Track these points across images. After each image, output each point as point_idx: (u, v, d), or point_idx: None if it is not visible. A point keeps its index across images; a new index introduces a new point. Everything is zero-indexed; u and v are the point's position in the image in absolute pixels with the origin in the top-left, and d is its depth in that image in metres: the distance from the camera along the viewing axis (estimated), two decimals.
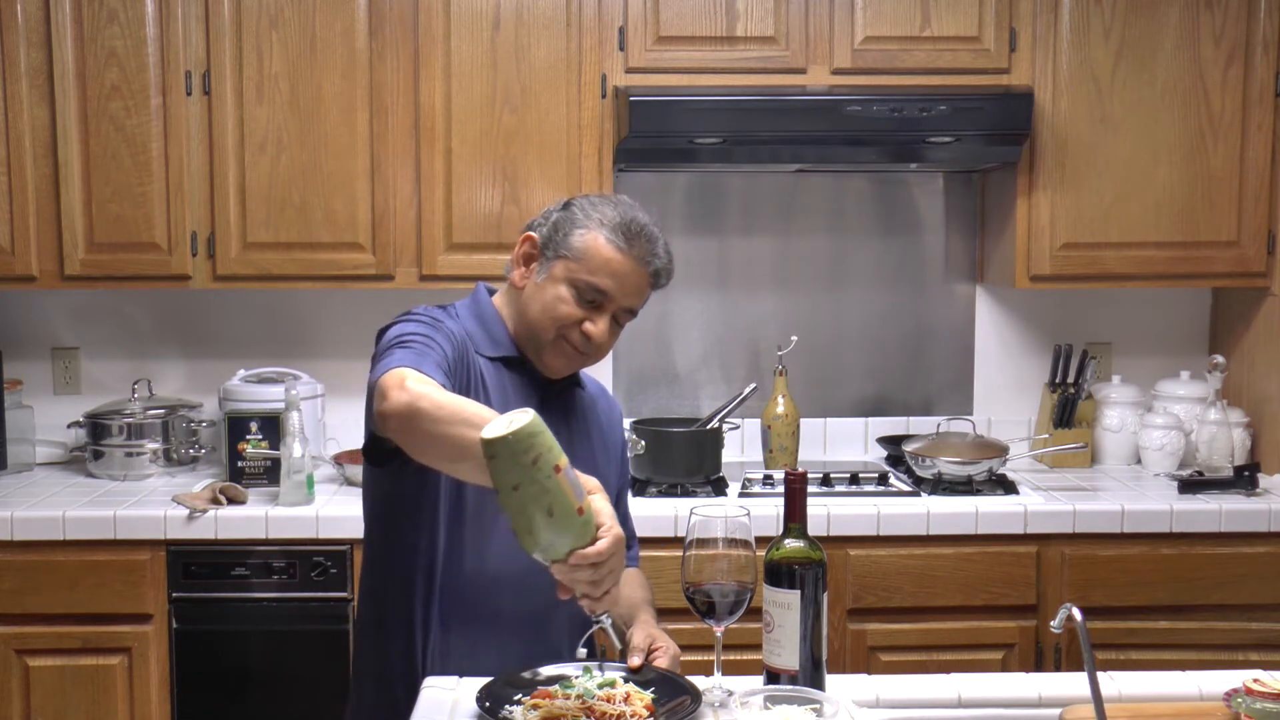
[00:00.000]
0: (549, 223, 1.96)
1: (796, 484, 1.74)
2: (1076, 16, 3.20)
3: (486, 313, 2.00)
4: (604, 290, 1.91)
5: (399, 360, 1.70)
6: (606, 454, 2.10)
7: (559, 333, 1.93)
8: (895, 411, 3.64)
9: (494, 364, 1.95)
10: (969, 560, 2.99)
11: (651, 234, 1.94)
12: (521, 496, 1.46)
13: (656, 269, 1.95)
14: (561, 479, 1.47)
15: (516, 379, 1.97)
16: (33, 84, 3.11)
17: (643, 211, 1.96)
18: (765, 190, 3.58)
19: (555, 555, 1.51)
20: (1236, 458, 3.29)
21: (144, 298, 3.51)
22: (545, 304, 1.92)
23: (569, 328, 1.92)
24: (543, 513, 1.47)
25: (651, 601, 2.09)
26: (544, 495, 1.46)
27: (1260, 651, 2.92)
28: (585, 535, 1.51)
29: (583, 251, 1.90)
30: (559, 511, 1.47)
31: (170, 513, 2.92)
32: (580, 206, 1.95)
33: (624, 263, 1.91)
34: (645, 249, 1.92)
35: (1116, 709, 1.67)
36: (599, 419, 2.11)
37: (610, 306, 1.93)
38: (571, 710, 1.62)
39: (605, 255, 1.90)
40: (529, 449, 1.45)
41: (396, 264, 3.20)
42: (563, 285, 1.91)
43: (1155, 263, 3.28)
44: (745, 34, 3.18)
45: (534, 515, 1.47)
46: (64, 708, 2.92)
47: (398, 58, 3.15)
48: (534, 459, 1.45)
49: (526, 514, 1.47)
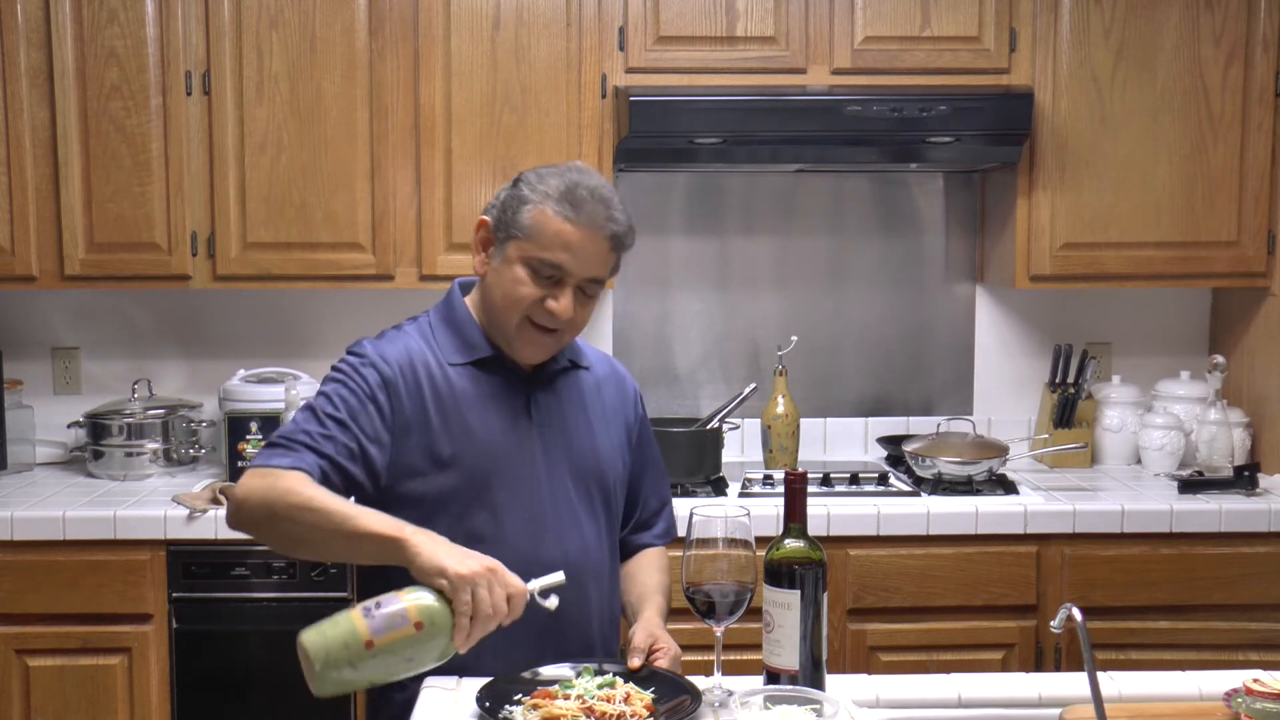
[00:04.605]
0: (499, 203, 1.91)
1: (796, 484, 1.74)
2: (1076, 16, 3.20)
3: (459, 315, 1.97)
4: (559, 265, 1.84)
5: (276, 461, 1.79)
6: (610, 437, 2.04)
7: (524, 316, 1.87)
8: (895, 411, 3.64)
9: (467, 369, 1.92)
10: (969, 560, 2.99)
11: (602, 196, 1.86)
12: (380, 671, 1.57)
13: (614, 233, 1.86)
14: (380, 646, 1.54)
15: (496, 380, 1.94)
16: (33, 84, 3.11)
17: (593, 175, 1.89)
18: (765, 190, 3.58)
19: (447, 652, 1.59)
20: (1236, 458, 3.29)
21: (144, 298, 3.51)
22: (504, 289, 1.88)
23: (532, 308, 1.86)
24: (404, 665, 1.57)
25: (665, 588, 2.06)
26: (388, 665, 1.56)
27: (1260, 651, 2.92)
28: (440, 636, 1.57)
29: (531, 228, 1.85)
30: (408, 656, 1.56)
31: (170, 513, 2.92)
32: (527, 181, 1.89)
33: (575, 232, 1.83)
34: (596, 214, 1.84)
35: (1116, 709, 1.67)
36: (603, 402, 2.05)
37: (570, 280, 1.85)
38: (571, 710, 1.62)
39: (554, 228, 1.84)
40: (337, 662, 1.54)
41: (396, 264, 3.20)
42: (518, 266, 1.86)
43: (1155, 263, 3.28)
44: (745, 34, 3.18)
45: (401, 670, 1.58)
46: (64, 708, 2.92)
47: (398, 58, 3.15)
48: (349, 660, 1.54)
49: (399, 671, 1.58)
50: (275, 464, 1.77)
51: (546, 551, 1.90)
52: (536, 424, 1.95)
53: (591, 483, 1.98)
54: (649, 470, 2.15)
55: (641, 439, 2.13)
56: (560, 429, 1.97)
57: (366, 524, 1.69)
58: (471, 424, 1.89)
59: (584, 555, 1.95)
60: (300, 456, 1.78)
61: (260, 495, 1.75)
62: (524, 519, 1.91)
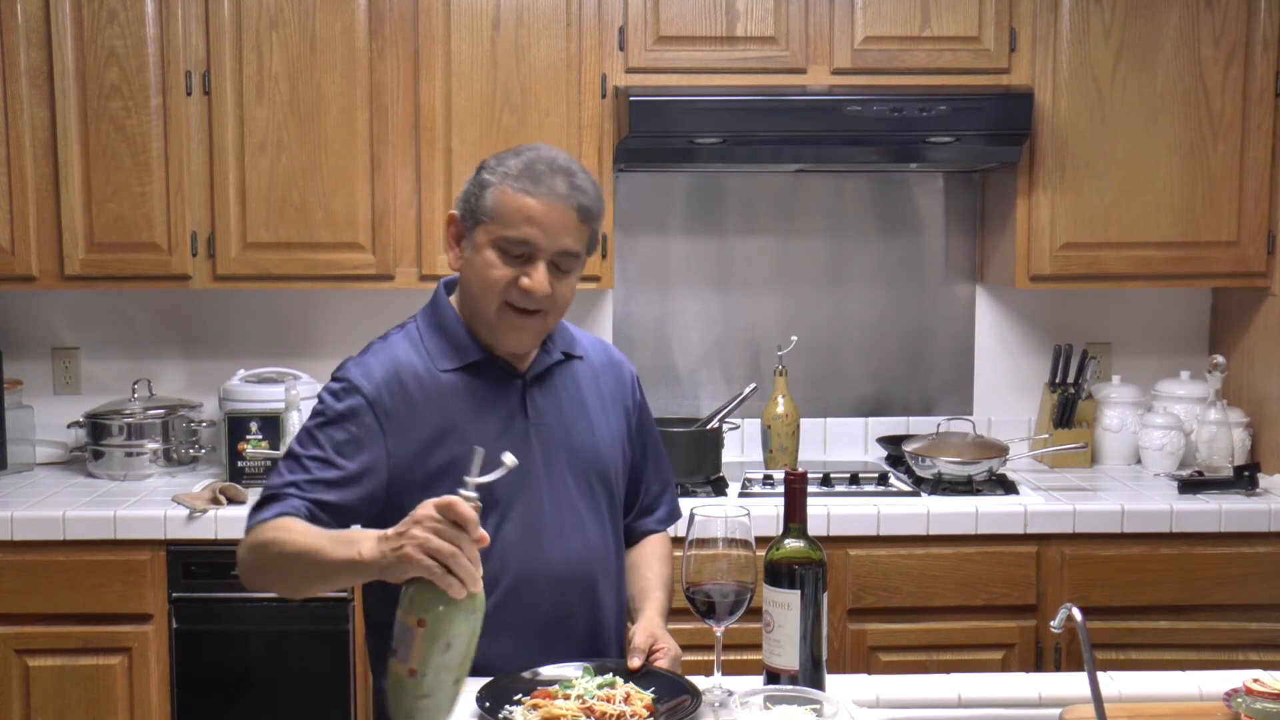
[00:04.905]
0: (464, 194, 1.91)
1: (796, 484, 1.74)
2: (1076, 16, 3.20)
3: (446, 318, 1.95)
4: (525, 240, 1.83)
5: (261, 515, 1.80)
6: (610, 427, 2.02)
7: (501, 301, 1.86)
8: (895, 411, 3.64)
9: (458, 374, 1.91)
10: (969, 560, 2.99)
11: (562, 167, 1.85)
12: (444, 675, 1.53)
13: (579, 204, 1.85)
14: (419, 665, 1.52)
15: (489, 383, 1.92)
16: (33, 84, 3.11)
17: (553, 151, 1.89)
18: (765, 190, 3.58)
19: (467, 608, 1.53)
20: (1236, 458, 3.29)
21: (144, 298, 3.51)
22: (478, 275, 1.87)
23: (507, 290, 1.85)
24: (453, 654, 1.53)
25: (666, 582, 2.05)
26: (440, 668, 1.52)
27: (1260, 651, 2.92)
28: (442, 606, 1.52)
29: (495, 209, 1.84)
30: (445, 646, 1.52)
31: (170, 513, 2.92)
32: (487, 166, 1.89)
33: (537, 206, 1.82)
34: (556, 184, 1.83)
35: (1116, 709, 1.67)
36: (600, 391, 2.03)
37: (541, 255, 1.83)
38: (571, 710, 1.62)
39: (516, 204, 1.83)
40: (412, 708, 1.53)
41: (396, 264, 3.20)
42: (488, 250, 1.85)
43: (1155, 263, 3.28)
44: (745, 34, 3.18)
45: (458, 656, 1.54)
46: (64, 708, 2.92)
47: (398, 58, 3.15)
48: (416, 695, 1.52)
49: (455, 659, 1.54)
50: (261, 518, 1.80)
51: (548, 554, 1.90)
52: (533, 423, 1.93)
53: (593, 478, 1.97)
54: (650, 455, 2.13)
55: (641, 424, 2.12)
56: (558, 426, 1.95)
57: (330, 555, 1.67)
58: (466, 431, 1.87)
59: (588, 554, 1.94)
60: (284, 503, 1.80)
61: (246, 553, 1.80)
62: (524, 523, 1.90)
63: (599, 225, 1.92)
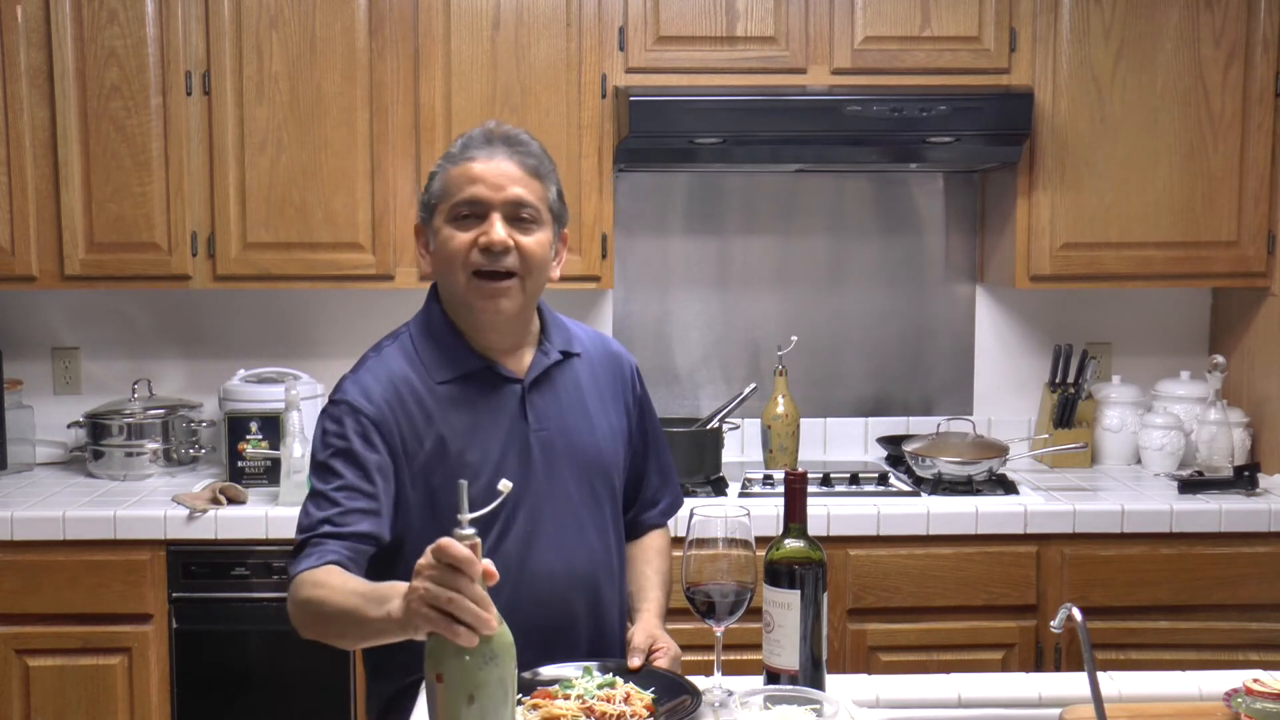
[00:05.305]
0: (420, 200, 1.96)
1: (796, 484, 1.74)
2: (1076, 16, 3.20)
3: (435, 324, 1.94)
4: (472, 198, 1.84)
5: (300, 566, 1.76)
6: (611, 424, 2.02)
7: (468, 272, 1.85)
8: (895, 411, 3.64)
9: (455, 385, 1.89)
10: (969, 560, 2.99)
11: (500, 134, 1.89)
12: None
13: (520, 158, 1.87)
14: None
15: (486, 394, 1.90)
16: (33, 84, 3.11)
17: (490, 123, 1.93)
18: (765, 190, 3.58)
19: (487, 654, 1.42)
20: (1236, 458, 3.29)
21: (144, 298, 3.51)
22: (443, 255, 1.88)
23: (469, 255, 1.84)
24: (479, 703, 1.42)
25: (665, 580, 2.04)
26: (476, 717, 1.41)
27: (1260, 651, 2.92)
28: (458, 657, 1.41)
29: (443, 188, 1.88)
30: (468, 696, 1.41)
31: (170, 513, 2.92)
32: (437, 164, 1.94)
33: (474, 165, 1.85)
34: (495, 144, 1.87)
35: (1116, 709, 1.67)
36: (600, 388, 2.02)
37: (492, 209, 1.84)
38: (571, 710, 1.62)
39: (456, 173, 1.87)
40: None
41: (396, 264, 3.20)
42: (445, 228, 1.87)
43: (1155, 263, 3.28)
44: (745, 34, 3.18)
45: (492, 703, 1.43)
46: (64, 708, 2.92)
47: (398, 58, 3.15)
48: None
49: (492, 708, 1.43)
50: (301, 569, 1.75)
51: (551, 561, 1.89)
52: (534, 430, 1.92)
53: (595, 480, 1.97)
54: (651, 448, 2.12)
55: (642, 414, 2.11)
56: (559, 430, 1.94)
57: (367, 615, 1.60)
58: (465, 443, 1.87)
59: (590, 559, 1.94)
60: (321, 551, 1.75)
61: (295, 609, 1.75)
62: (526, 531, 1.89)
63: (553, 185, 1.92)
